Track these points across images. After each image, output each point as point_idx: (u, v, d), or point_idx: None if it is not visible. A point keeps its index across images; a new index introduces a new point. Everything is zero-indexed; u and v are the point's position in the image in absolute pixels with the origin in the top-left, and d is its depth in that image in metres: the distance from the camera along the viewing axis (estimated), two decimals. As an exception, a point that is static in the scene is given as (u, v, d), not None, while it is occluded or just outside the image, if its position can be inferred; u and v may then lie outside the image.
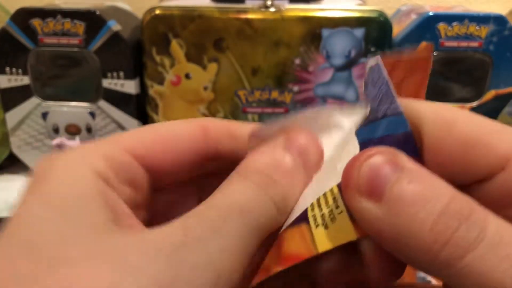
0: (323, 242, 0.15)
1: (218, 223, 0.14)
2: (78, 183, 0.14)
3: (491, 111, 0.54)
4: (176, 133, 0.18)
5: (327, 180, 0.16)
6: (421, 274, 0.43)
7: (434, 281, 0.38)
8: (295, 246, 0.16)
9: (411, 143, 0.15)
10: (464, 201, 0.13)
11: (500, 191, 0.14)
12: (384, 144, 0.15)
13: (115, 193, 0.15)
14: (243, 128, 0.19)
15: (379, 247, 0.15)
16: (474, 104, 0.54)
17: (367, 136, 0.16)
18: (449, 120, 0.15)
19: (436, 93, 0.54)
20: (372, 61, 0.16)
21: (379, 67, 0.16)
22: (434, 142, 0.15)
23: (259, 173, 0.16)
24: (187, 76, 0.53)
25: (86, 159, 0.15)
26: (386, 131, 0.15)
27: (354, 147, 0.16)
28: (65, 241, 0.13)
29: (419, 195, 0.13)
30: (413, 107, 0.16)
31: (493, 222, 0.13)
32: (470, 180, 0.15)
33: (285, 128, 0.17)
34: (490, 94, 0.54)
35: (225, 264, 0.14)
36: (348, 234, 0.15)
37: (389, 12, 0.54)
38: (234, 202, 0.15)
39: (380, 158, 0.14)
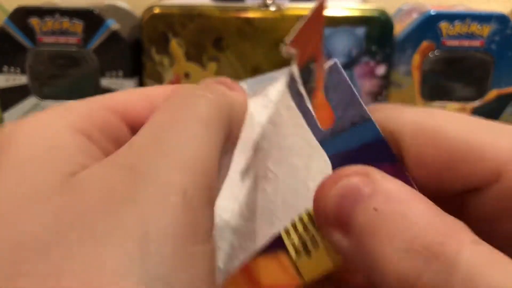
0: (309, 270, 0.14)
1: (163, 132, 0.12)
2: (49, 139, 0.12)
3: (493, 110, 0.53)
4: (157, 92, 0.16)
5: (299, 199, 0.15)
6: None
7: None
8: (275, 277, 0.14)
9: (385, 150, 0.14)
10: (435, 230, 0.11)
11: (493, 203, 0.13)
12: (356, 155, 0.14)
13: (100, 151, 0.13)
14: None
15: None
16: (476, 103, 0.54)
17: (337, 149, 0.14)
18: (434, 129, 0.13)
19: (437, 93, 0.53)
20: (328, 63, 0.15)
21: (337, 69, 0.15)
22: (416, 156, 0.13)
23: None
24: (187, 75, 0.53)
25: (62, 117, 0.13)
26: (356, 141, 0.14)
27: (324, 163, 0.15)
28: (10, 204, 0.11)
29: (386, 224, 0.11)
30: (392, 116, 0.14)
31: (466, 255, 0.11)
32: (460, 191, 0.13)
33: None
34: (492, 94, 0.53)
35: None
36: (334, 261, 0.14)
37: (390, 10, 0.53)
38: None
39: (347, 182, 0.12)
